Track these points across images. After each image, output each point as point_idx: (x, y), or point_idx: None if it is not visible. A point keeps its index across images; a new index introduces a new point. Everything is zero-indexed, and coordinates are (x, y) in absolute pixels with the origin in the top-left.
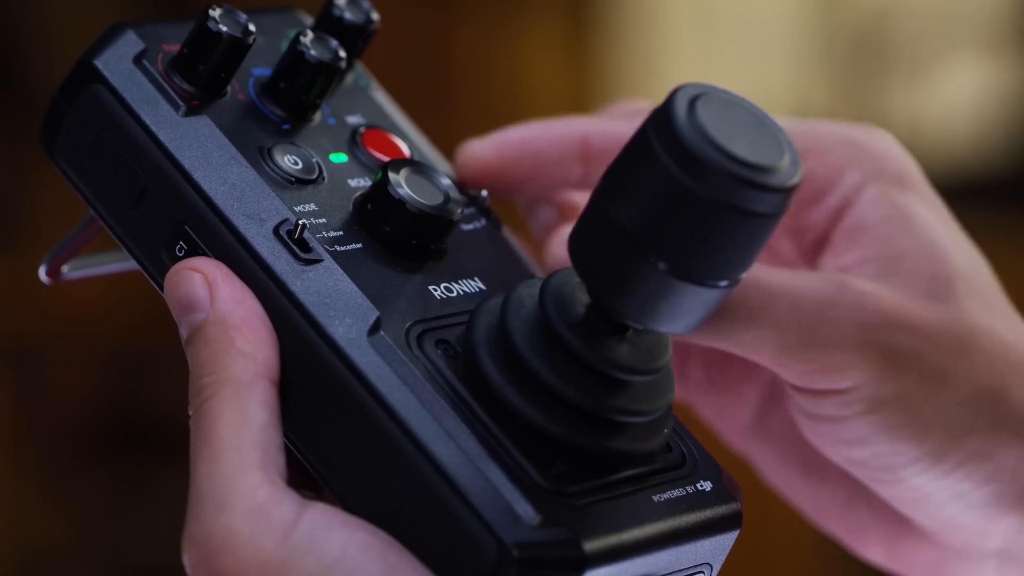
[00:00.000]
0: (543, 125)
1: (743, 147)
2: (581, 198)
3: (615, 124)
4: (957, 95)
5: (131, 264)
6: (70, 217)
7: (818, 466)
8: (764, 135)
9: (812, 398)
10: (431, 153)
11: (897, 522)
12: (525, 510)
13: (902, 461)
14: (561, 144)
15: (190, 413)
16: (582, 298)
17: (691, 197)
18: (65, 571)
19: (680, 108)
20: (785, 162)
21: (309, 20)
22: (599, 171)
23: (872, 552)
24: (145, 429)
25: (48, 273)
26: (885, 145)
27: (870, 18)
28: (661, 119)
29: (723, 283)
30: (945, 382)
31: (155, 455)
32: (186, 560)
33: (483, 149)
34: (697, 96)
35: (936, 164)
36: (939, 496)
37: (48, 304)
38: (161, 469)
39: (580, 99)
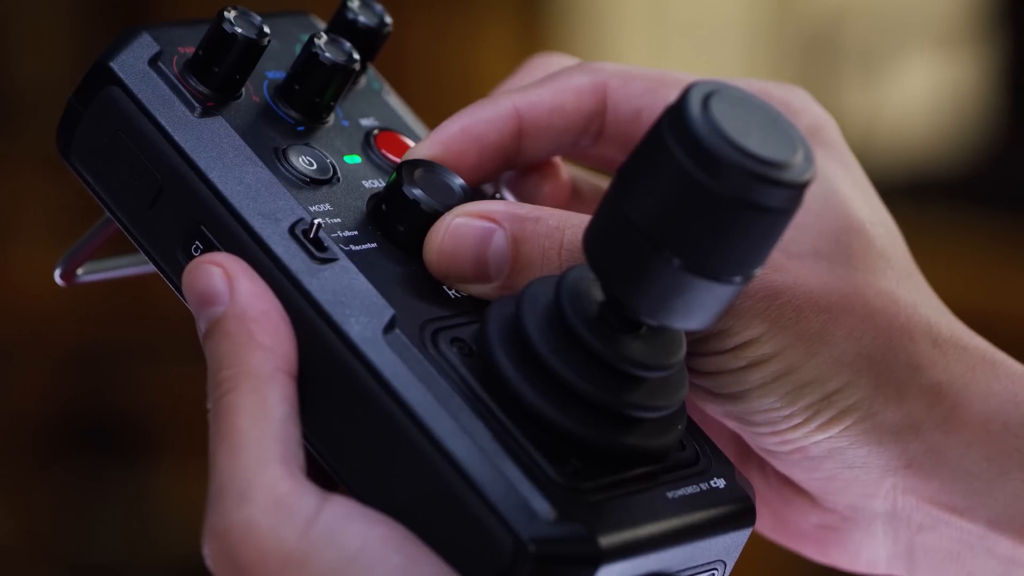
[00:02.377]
0: (475, 110)
1: (757, 143)
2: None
3: (540, 93)
4: (911, 93)
5: (145, 267)
6: (26, 217)
7: (704, 424)
8: (776, 131)
9: (689, 357)
10: None
11: (785, 486)
12: (541, 506)
13: (777, 416)
14: (497, 124)
15: (208, 407)
16: (596, 295)
17: (706, 193)
18: (20, 570)
19: (694, 105)
20: (798, 158)
21: (321, 24)
22: (534, 145)
23: (760, 520)
24: (101, 428)
25: (63, 276)
26: (802, 102)
27: (824, 16)
28: (675, 117)
29: (737, 279)
30: (823, 340)
31: (111, 454)
32: (206, 552)
33: (429, 149)
34: (710, 93)
35: (891, 162)
36: (815, 451)
37: (5, 302)
38: (117, 468)
39: None
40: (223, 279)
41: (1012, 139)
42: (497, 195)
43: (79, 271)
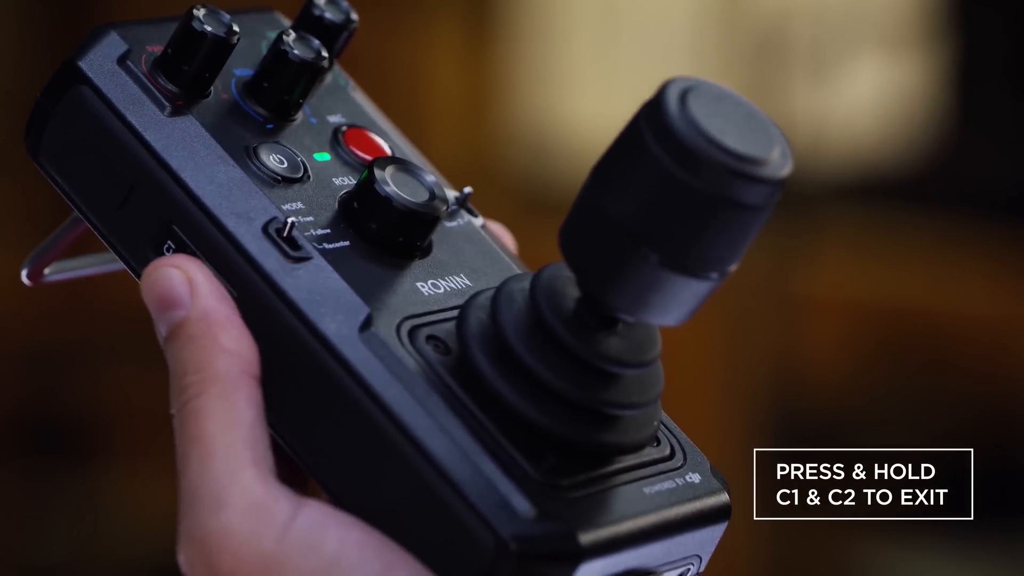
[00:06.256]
0: None
1: (734, 139)
2: None
3: None
4: (860, 94)
5: (113, 266)
6: None
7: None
8: (754, 127)
9: None
10: (411, 151)
11: None
12: (520, 503)
13: None
14: None
15: (173, 412)
16: (572, 292)
17: (683, 189)
18: None
19: (672, 101)
20: (775, 154)
21: (287, 21)
22: None
23: None
24: (50, 429)
25: (30, 276)
26: None
27: (772, 18)
28: (653, 112)
29: (713, 275)
30: None
31: (60, 455)
32: (182, 559)
33: None
34: (688, 89)
35: (841, 163)
36: None
37: None
38: (66, 469)
39: (480, 99)
40: (183, 282)
41: (961, 139)
42: (465, 192)
43: (46, 271)
